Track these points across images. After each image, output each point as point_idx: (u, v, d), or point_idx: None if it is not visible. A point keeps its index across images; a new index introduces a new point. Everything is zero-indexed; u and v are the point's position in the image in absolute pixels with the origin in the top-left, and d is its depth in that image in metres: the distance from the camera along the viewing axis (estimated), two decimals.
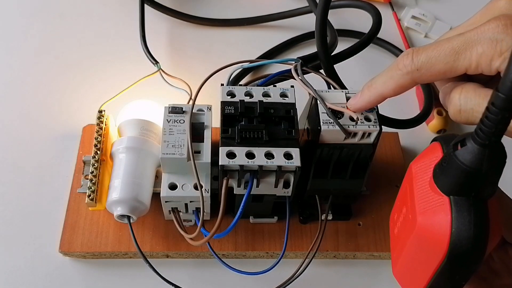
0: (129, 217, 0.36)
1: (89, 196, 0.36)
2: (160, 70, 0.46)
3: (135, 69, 0.46)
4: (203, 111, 0.37)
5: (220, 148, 0.32)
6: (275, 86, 0.37)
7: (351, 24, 0.55)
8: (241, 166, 0.32)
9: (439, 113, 0.47)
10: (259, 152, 0.32)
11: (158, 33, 0.54)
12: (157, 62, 0.46)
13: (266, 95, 0.35)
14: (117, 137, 0.40)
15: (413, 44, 0.56)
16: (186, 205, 0.36)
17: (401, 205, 0.27)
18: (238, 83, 0.38)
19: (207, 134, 0.36)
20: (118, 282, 0.39)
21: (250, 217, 0.40)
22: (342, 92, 0.35)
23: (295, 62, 0.36)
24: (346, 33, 0.54)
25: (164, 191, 0.35)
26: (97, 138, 0.38)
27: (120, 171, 0.37)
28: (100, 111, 0.40)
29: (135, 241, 0.36)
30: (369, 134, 0.34)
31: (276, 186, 0.34)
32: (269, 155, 0.32)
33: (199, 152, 0.35)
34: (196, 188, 0.35)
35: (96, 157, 0.37)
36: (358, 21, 0.54)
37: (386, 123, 0.39)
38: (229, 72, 0.37)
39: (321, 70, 0.39)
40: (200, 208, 0.33)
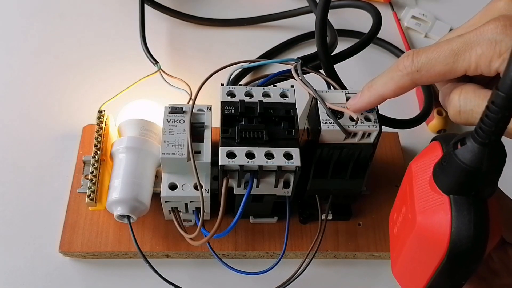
0: (129, 217, 0.36)
1: (89, 196, 0.36)
2: (160, 70, 0.46)
3: (135, 69, 0.46)
4: (203, 111, 0.37)
5: (220, 148, 0.32)
6: (275, 86, 0.37)
7: (351, 24, 0.55)
8: (241, 166, 0.32)
9: (439, 113, 0.47)
10: (259, 152, 0.32)
11: (158, 33, 0.54)
12: (157, 62, 0.46)
13: (266, 95, 0.35)
14: (117, 137, 0.40)
15: (413, 44, 0.56)
16: (186, 205, 0.36)
17: (400, 205, 0.27)
18: (238, 83, 0.38)
19: (207, 134, 0.36)
20: (118, 282, 0.39)
21: (250, 217, 0.40)
22: (342, 92, 0.35)
23: (295, 62, 0.36)
24: (346, 33, 0.54)
25: (164, 191, 0.35)
26: (97, 138, 0.38)
27: (120, 171, 0.37)
28: (100, 111, 0.40)
29: (135, 241, 0.36)
30: (369, 134, 0.34)
31: (276, 186, 0.34)
32: (269, 155, 0.32)
33: (199, 152, 0.35)
34: (196, 188, 0.35)
35: (96, 157, 0.37)
36: (358, 21, 0.54)
37: (386, 123, 0.39)
38: (229, 72, 0.37)
39: (321, 70, 0.39)
40: (200, 208, 0.33)
